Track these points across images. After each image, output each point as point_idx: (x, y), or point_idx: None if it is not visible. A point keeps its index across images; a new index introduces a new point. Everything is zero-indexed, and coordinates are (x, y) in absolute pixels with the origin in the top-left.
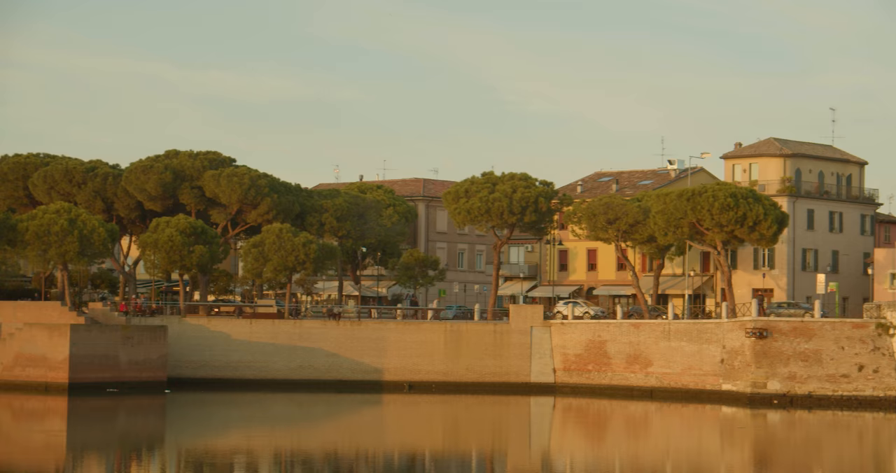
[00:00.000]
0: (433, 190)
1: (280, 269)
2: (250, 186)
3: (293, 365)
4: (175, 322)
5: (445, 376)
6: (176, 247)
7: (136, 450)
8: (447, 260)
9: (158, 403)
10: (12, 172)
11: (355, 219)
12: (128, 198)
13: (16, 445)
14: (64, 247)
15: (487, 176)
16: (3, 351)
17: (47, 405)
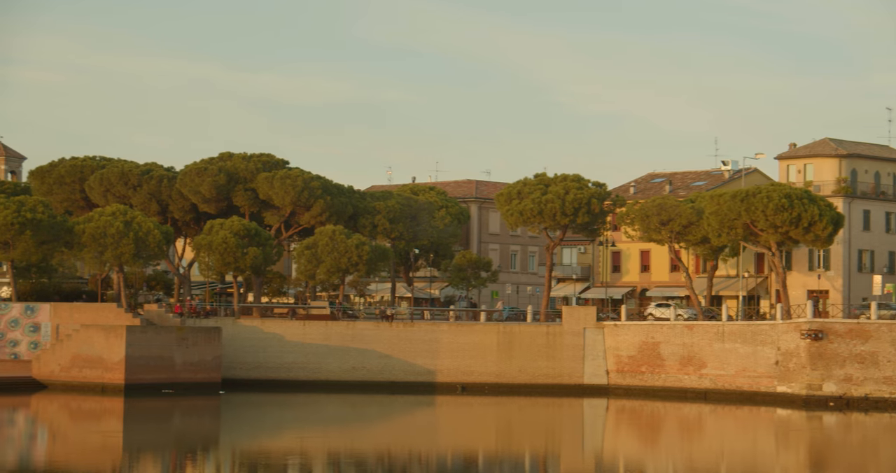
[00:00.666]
0: (486, 191)
1: (333, 271)
2: (303, 188)
3: (346, 366)
4: (229, 323)
5: (498, 377)
6: (230, 249)
7: (191, 451)
8: (500, 261)
9: (213, 404)
10: (69, 175)
11: (408, 221)
12: (182, 200)
13: (73, 445)
14: (120, 249)
15: (540, 177)
16: (61, 353)
17: (104, 406)
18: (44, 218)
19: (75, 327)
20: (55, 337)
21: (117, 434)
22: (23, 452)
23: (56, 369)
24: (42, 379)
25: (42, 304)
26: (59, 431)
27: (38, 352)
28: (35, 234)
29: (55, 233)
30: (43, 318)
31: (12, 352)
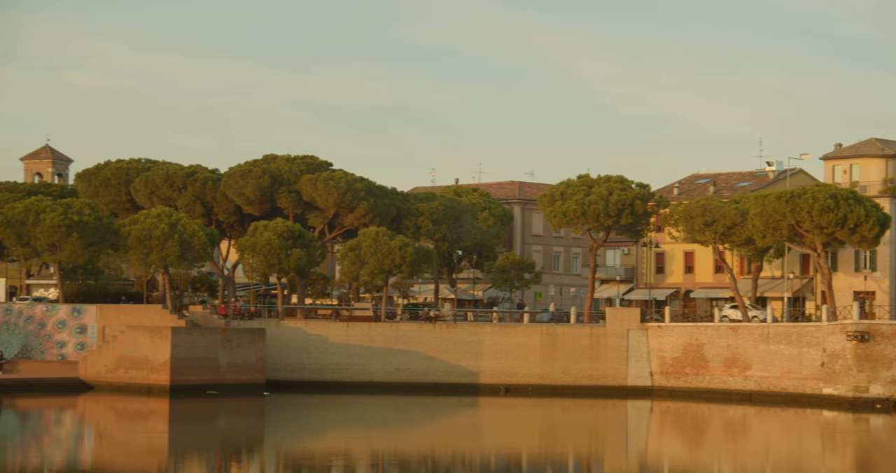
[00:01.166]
0: (529, 193)
1: (376, 272)
2: (347, 190)
3: (390, 367)
4: (273, 325)
5: (542, 379)
6: (274, 251)
7: (235, 452)
8: (543, 262)
9: (257, 405)
10: (115, 177)
11: (451, 223)
12: (227, 202)
13: (119, 446)
14: (165, 251)
15: (583, 178)
16: (107, 354)
17: (149, 407)
18: (90, 220)
19: (121, 328)
20: (101, 338)
21: (163, 435)
22: (70, 453)
23: (102, 370)
24: (88, 380)
25: (88, 306)
26: (106, 432)
27: (84, 354)
28: (82, 236)
29: (101, 235)
30: (89, 320)
31: (59, 354)
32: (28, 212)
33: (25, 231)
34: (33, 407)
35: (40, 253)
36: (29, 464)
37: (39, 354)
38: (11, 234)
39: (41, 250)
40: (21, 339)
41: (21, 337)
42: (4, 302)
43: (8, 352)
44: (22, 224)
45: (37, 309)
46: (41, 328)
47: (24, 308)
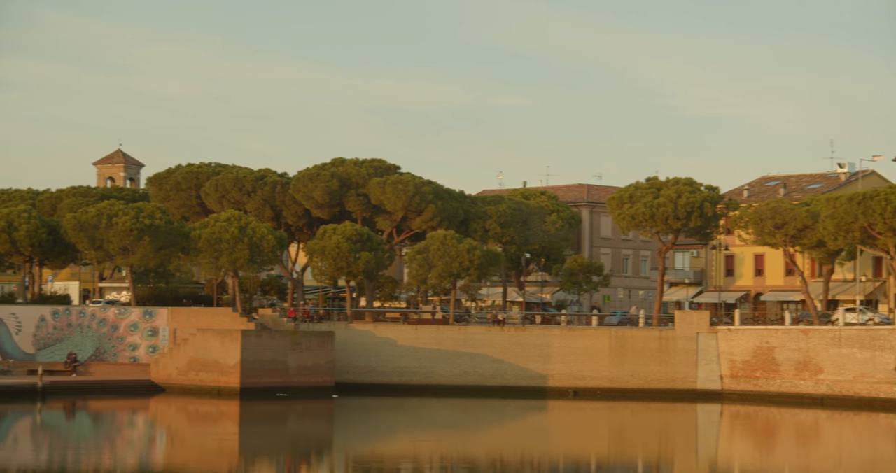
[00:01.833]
0: (597, 195)
1: (445, 275)
2: (415, 193)
3: (458, 370)
4: (342, 327)
5: (610, 382)
6: (342, 254)
7: (305, 454)
8: (611, 265)
9: (326, 408)
10: (185, 181)
11: (519, 225)
12: (295, 205)
13: (191, 448)
14: (235, 255)
15: (652, 181)
16: (178, 356)
17: (220, 409)
18: (161, 224)
19: (192, 331)
20: (172, 341)
21: (233, 437)
22: (142, 454)
23: (173, 372)
24: (160, 383)
25: (160, 309)
26: (177, 434)
27: (156, 356)
28: (153, 240)
29: (172, 238)
30: (161, 323)
31: (132, 356)
32: (101, 216)
33: (98, 235)
34: (106, 409)
35: (113, 256)
36: (102, 466)
37: (112, 357)
38: (85, 238)
39: (114, 254)
40: (94, 342)
41: (94, 340)
42: (78, 306)
43: (82, 355)
44: (95, 228)
45: (110, 312)
46: (114, 331)
47: (97, 311)
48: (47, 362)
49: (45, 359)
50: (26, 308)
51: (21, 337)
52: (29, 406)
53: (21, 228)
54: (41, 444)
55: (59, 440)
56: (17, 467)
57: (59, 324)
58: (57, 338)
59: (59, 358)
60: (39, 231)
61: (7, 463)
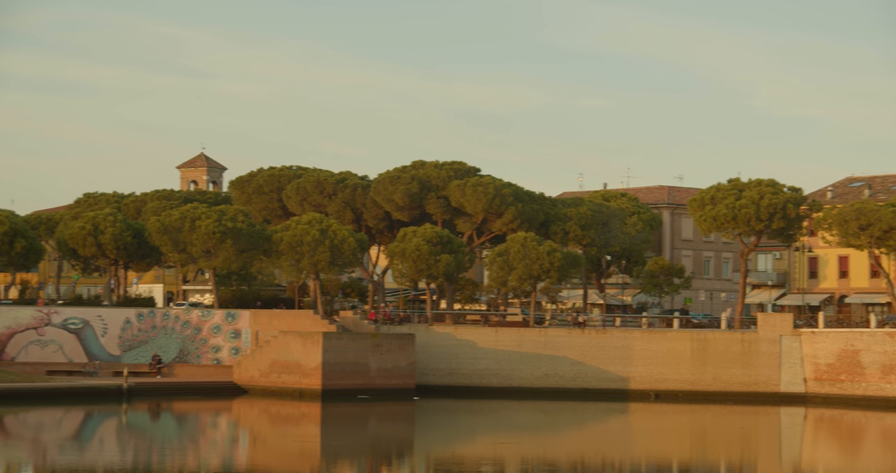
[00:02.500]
0: (678, 197)
1: (525, 278)
2: (495, 196)
3: (538, 373)
4: (422, 330)
5: (692, 385)
6: (423, 257)
7: (386, 456)
8: (693, 267)
9: (407, 410)
10: (267, 184)
11: (599, 228)
12: (376, 208)
13: (273, 450)
14: (316, 257)
15: (734, 182)
16: (260, 358)
17: (301, 410)
18: (243, 227)
19: (274, 333)
20: (255, 343)
21: (315, 438)
22: (225, 455)
23: (256, 374)
24: (243, 384)
25: (242, 311)
26: (260, 435)
27: (238, 358)
28: (235, 243)
29: (254, 241)
30: (243, 325)
31: (215, 358)
32: (184, 219)
33: (182, 238)
34: (190, 411)
35: (196, 259)
36: (186, 466)
37: (196, 358)
38: (168, 241)
39: (197, 256)
40: (178, 344)
41: (178, 342)
42: (162, 308)
43: (166, 357)
44: (178, 231)
45: (193, 315)
46: (197, 333)
47: (180, 313)
48: (132, 364)
49: (130, 361)
50: (112, 310)
51: (107, 338)
52: (114, 407)
53: (107, 232)
54: (126, 445)
55: (143, 440)
56: (104, 467)
57: (144, 326)
58: (142, 340)
59: (144, 359)
60: (125, 234)
61: (94, 464)
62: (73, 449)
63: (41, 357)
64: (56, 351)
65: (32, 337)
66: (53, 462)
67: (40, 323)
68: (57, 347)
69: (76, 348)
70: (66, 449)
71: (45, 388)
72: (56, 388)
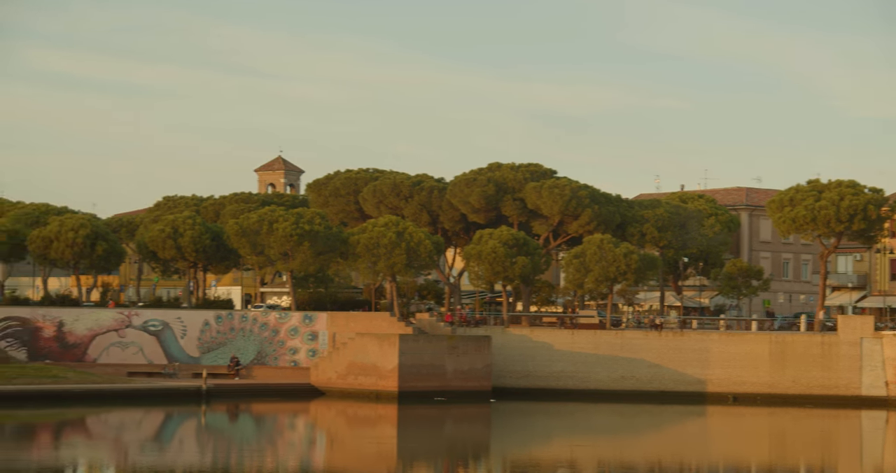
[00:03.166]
0: (756, 198)
1: (601, 280)
2: (571, 197)
3: (615, 375)
4: (498, 332)
5: (771, 388)
6: (499, 259)
7: (462, 458)
8: (771, 269)
9: (483, 412)
10: (344, 187)
11: (676, 229)
12: (452, 210)
13: (350, 451)
14: (392, 259)
15: (813, 183)
16: (337, 360)
17: (378, 412)
18: (321, 229)
19: (350, 335)
20: (332, 345)
21: (392, 440)
22: (303, 457)
23: (333, 376)
24: (320, 386)
25: (319, 313)
26: (337, 437)
27: (315, 360)
28: (312, 245)
29: (331, 243)
30: (320, 327)
31: (292, 360)
32: (262, 221)
33: (259, 240)
34: (268, 412)
35: (273, 261)
36: (264, 468)
37: (273, 360)
38: (246, 243)
39: (274, 259)
40: (256, 346)
41: (256, 344)
42: (240, 310)
43: (244, 358)
44: (256, 233)
45: (271, 317)
46: (275, 335)
47: (258, 315)
48: (211, 365)
49: (208, 363)
50: (191, 312)
51: (186, 340)
52: (194, 408)
53: (186, 234)
54: (205, 445)
55: (222, 441)
56: (183, 468)
57: (223, 328)
58: (220, 342)
59: (223, 361)
60: (203, 237)
61: (173, 464)
62: (154, 450)
63: (122, 358)
64: (136, 352)
65: (113, 338)
66: (134, 463)
67: (121, 325)
68: (137, 349)
69: (156, 350)
70: (147, 450)
71: (126, 389)
72: (137, 389)
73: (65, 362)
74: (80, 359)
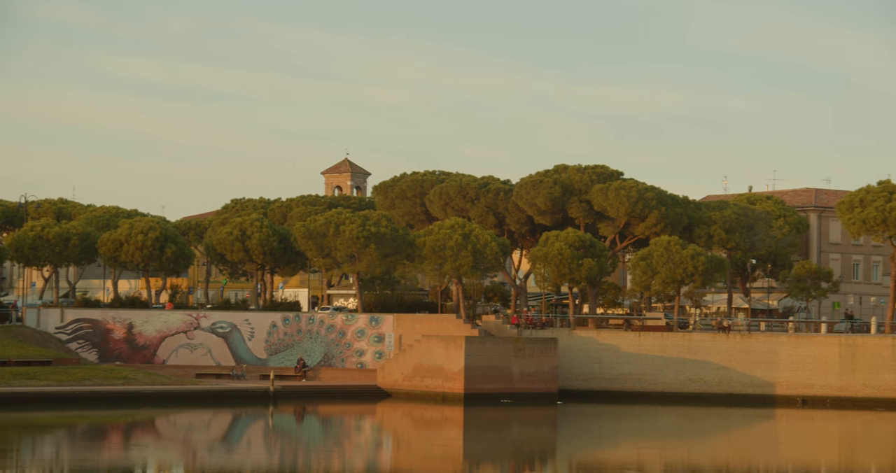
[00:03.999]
0: (825, 200)
1: (668, 282)
2: (638, 199)
3: (682, 377)
4: (565, 334)
5: (840, 391)
6: (565, 261)
7: (528, 461)
8: (841, 271)
9: (550, 414)
10: (410, 189)
11: (744, 231)
12: (518, 212)
13: (416, 453)
14: (458, 262)
15: (884, 184)
16: (404, 362)
17: (444, 414)
18: (387, 231)
19: (417, 337)
20: (398, 347)
21: (457, 442)
22: (369, 458)
23: (399, 378)
24: (386, 388)
25: (386, 315)
26: (403, 438)
27: (382, 362)
28: (379, 248)
29: (397, 246)
30: (386, 329)
31: (359, 362)
32: (329, 224)
33: (326, 242)
34: (335, 414)
35: (340, 263)
36: (331, 469)
37: (340, 362)
38: (313, 246)
39: (341, 261)
40: (323, 348)
41: (323, 346)
42: (307, 312)
43: (311, 360)
44: (323, 236)
45: (337, 319)
46: (341, 337)
47: (325, 317)
48: (278, 367)
49: (276, 364)
50: (258, 314)
51: (253, 342)
52: (261, 409)
53: (253, 237)
54: (273, 447)
55: (289, 443)
56: (251, 468)
57: (290, 330)
58: (287, 344)
59: (290, 363)
60: (271, 239)
61: (241, 465)
62: (222, 451)
63: (190, 360)
64: (205, 354)
65: (182, 340)
66: (202, 463)
67: (190, 327)
68: (206, 351)
69: (224, 351)
70: (215, 450)
71: (195, 391)
72: (205, 391)
73: (134, 363)
74: (149, 361)
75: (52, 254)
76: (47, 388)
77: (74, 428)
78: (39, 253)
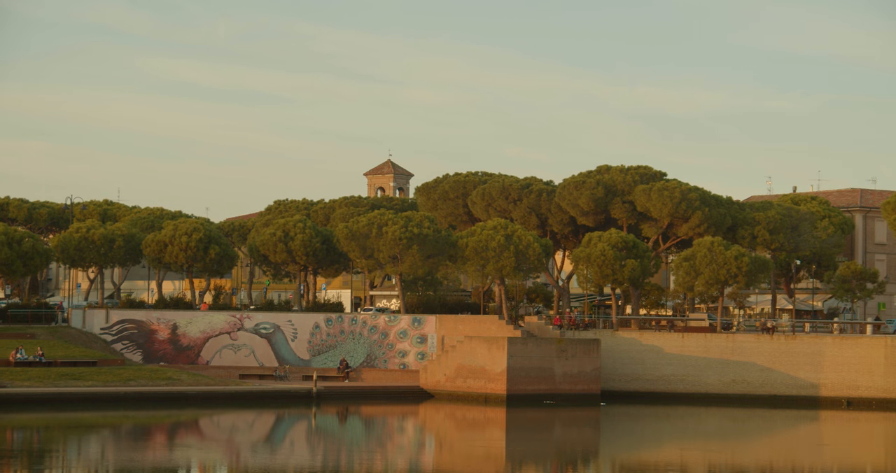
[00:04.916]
0: (871, 200)
1: (712, 283)
2: (681, 200)
3: (725, 379)
4: (607, 335)
5: (886, 392)
6: (608, 262)
7: (571, 462)
8: (887, 272)
9: (593, 415)
10: (453, 190)
11: (788, 232)
12: (561, 213)
13: (459, 454)
14: (501, 263)
15: None
16: (446, 363)
17: (486, 415)
18: (429, 232)
19: (459, 338)
20: (441, 348)
21: (500, 443)
22: (412, 459)
23: (441, 379)
24: (429, 389)
25: (428, 316)
26: (446, 439)
27: (424, 363)
28: (421, 249)
29: (440, 247)
30: (429, 330)
31: (401, 362)
32: (371, 225)
33: (369, 243)
34: (377, 414)
35: (383, 265)
36: (374, 469)
37: (382, 363)
38: (356, 247)
39: (383, 262)
40: (365, 348)
41: (365, 347)
42: (350, 313)
43: (353, 361)
44: (366, 237)
45: (380, 320)
46: (384, 338)
47: (368, 318)
48: (321, 368)
49: (318, 365)
50: (301, 315)
51: (297, 343)
52: (304, 410)
53: (297, 238)
54: (316, 447)
55: (332, 443)
56: (294, 468)
57: (333, 331)
58: (330, 345)
59: (332, 364)
60: (314, 240)
61: (285, 465)
62: (265, 451)
63: (234, 361)
64: (248, 355)
65: (226, 341)
66: (246, 463)
67: (233, 327)
68: (249, 351)
69: (267, 352)
70: (259, 451)
71: (238, 392)
72: (248, 392)
73: (178, 364)
74: (193, 362)
75: (97, 256)
76: (93, 389)
77: (119, 429)
78: (85, 254)
